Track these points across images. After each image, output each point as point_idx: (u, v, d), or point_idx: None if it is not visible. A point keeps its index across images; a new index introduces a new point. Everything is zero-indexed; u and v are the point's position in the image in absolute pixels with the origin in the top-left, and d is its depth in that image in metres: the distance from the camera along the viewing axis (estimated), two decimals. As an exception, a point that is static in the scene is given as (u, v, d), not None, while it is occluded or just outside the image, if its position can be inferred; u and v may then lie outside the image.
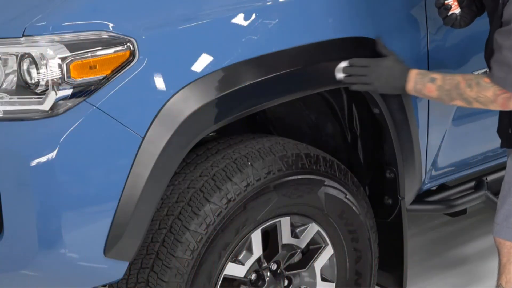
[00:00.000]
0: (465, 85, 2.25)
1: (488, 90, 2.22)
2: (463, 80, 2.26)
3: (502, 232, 2.40)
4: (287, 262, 2.54)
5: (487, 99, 2.23)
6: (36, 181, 1.94)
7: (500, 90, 2.20)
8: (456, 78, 2.28)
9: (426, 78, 2.31)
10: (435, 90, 2.30)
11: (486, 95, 2.22)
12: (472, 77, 2.27)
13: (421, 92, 2.33)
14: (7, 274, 2.06)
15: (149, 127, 2.03)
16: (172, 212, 2.26)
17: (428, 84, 2.30)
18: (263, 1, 2.24)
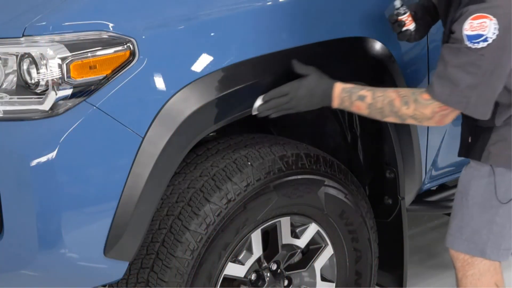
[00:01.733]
0: (400, 102, 2.17)
1: (426, 108, 2.14)
2: (398, 97, 2.18)
3: (455, 243, 2.35)
4: (287, 262, 2.54)
5: (424, 116, 2.16)
6: (36, 181, 1.94)
7: (440, 107, 2.13)
8: (389, 95, 2.19)
9: (354, 96, 2.21)
10: (365, 108, 2.22)
11: (424, 112, 2.15)
12: (408, 93, 2.18)
13: (348, 109, 2.26)
14: (7, 274, 2.06)
15: (149, 127, 2.03)
16: (172, 212, 2.26)
17: (356, 102, 2.21)
18: (263, 1, 2.24)
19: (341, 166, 2.53)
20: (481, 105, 2.11)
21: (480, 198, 2.29)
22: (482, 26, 2.02)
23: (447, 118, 2.17)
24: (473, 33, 2.02)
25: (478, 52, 2.03)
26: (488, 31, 2.01)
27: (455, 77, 2.07)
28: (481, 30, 2.02)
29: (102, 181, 2.02)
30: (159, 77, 2.05)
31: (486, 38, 2.01)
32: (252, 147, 2.38)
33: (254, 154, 2.35)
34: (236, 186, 2.27)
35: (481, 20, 2.02)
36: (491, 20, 2.01)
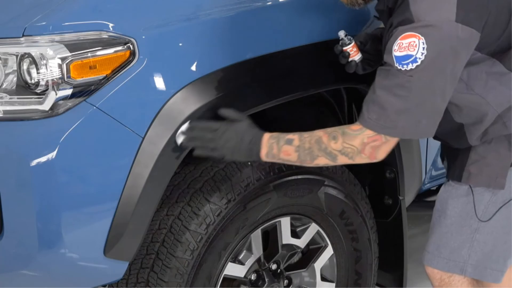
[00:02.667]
0: (328, 138, 2.02)
1: (355, 139, 2.00)
2: (325, 134, 2.04)
3: (434, 261, 2.29)
4: (287, 262, 2.54)
5: (354, 150, 2.01)
6: (36, 181, 1.94)
7: (369, 137, 1.99)
8: (316, 134, 2.05)
9: (282, 141, 2.07)
10: (293, 151, 2.06)
11: (353, 145, 2.00)
12: (336, 128, 2.05)
13: (277, 157, 2.08)
14: (7, 274, 2.06)
15: (149, 127, 2.03)
16: (172, 212, 2.26)
17: (284, 146, 2.06)
18: (263, 1, 2.24)
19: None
20: (411, 128, 1.99)
21: (458, 217, 2.23)
22: (410, 46, 1.90)
23: (379, 151, 2.02)
24: (402, 54, 1.91)
25: (407, 74, 1.91)
26: (417, 51, 1.89)
27: (382, 100, 1.95)
28: (409, 50, 1.90)
29: (102, 181, 2.02)
30: (159, 77, 2.04)
31: (415, 59, 1.90)
32: (252, 147, 2.38)
33: (254, 154, 2.35)
34: (236, 186, 2.27)
35: (409, 39, 1.91)
36: (420, 39, 1.90)
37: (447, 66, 1.94)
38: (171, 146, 2.06)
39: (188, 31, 2.09)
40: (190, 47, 2.10)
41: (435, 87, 1.95)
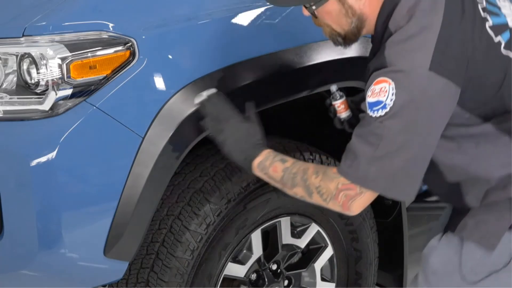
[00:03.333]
0: (313, 171, 1.98)
1: (331, 182, 1.94)
2: (313, 167, 1.99)
3: None
4: (287, 262, 2.54)
5: (329, 192, 1.94)
6: (36, 181, 1.94)
7: (344, 184, 1.92)
8: (307, 164, 2.02)
9: (277, 158, 2.03)
10: (281, 170, 2.01)
11: (329, 187, 1.94)
12: (323, 166, 2.04)
13: (266, 170, 2.03)
14: (7, 274, 2.06)
15: (149, 127, 2.03)
16: (172, 212, 2.26)
17: (276, 163, 2.02)
18: (263, 1, 2.23)
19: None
20: (383, 181, 1.89)
21: (441, 267, 2.10)
22: (381, 92, 1.84)
23: (354, 203, 1.94)
24: (373, 100, 1.85)
25: (377, 120, 1.84)
26: (387, 97, 1.83)
27: (355, 147, 1.89)
28: (380, 96, 1.84)
29: (102, 181, 2.02)
30: (159, 77, 2.04)
31: (384, 105, 1.83)
32: (252, 147, 2.38)
33: (254, 154, 2.35)
34: (236, 186, 2.27)
35: (381, 85, 1.85)
36: (390, 85, 1.83)
37: (420, 117, 1.86)
38: (171, 146, 2.06)
39: (188, 31, 2.10)
40: (190, 47, 2.10)
41: (408, 138, 1.86)
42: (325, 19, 2.00)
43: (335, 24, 2.00)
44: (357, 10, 1.97)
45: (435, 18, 1.89)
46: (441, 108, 1.88)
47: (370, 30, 2.03)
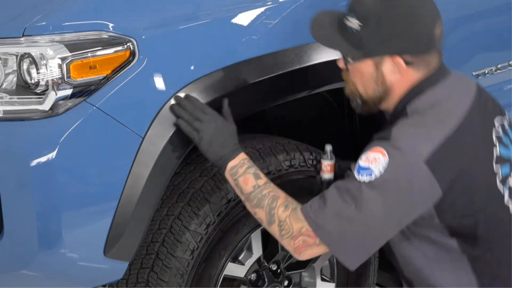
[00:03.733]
0: (283, 203, 2.00)
1: (298, 222, 1.97)
2: (284, 198, 2.01)
3: None
4: (287, 262, 2.54)
5: (290, 231, 1.98)
6: (36, 181, 1.94)
7: (307, 230, 1.95)
8: (278, 192, 2.03)
9: (251, 170, 2.05)
10: (251, 185, 2.03)
11: (292, 226, 1.97)
12: (293, 201, 2.02)
13: (235, 177, 2.05)
14: (7, 274, 2.06)
15: (149, 127, 2.03)
16: (172, 212, 2.26)
17: (249, 175, 2.04)
18: (263, 1, 2.24)
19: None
20: (336, 239, 1.94)
21: None
22: (374, 160, 1.90)
23: (307, 251, 1.99)
24: (364, 165, 1.91)
25: (359, 183, 1.90)
26: (376, 167, 1.89)
27: (329, 196, 1.94)
28: (371, 164, 1.90)
29: (102, 181, 2.02)
30: (159, 77, 2.05)
31: (371, 173, 1.89)
32: (252, 147, 2.38)
33: (254, 154, 2.35)
34: (236, 186, 2.27)
35: (377, 154, 1.91)
36: (384, 158, 1.89)
37: (396, 200, 1.90)
38: (171, 146, 2.06)
39: (188, 31, 2.09)
40: (190, 47, 2.10)
41: (376, 212, 1.90)
42: (355, 77, 2.06)
43: (361, 85, 2.06)
44: (388, 81, 2.02)
45: (453, 120, 1.95)
46: (417, 201, 1.93)
47: (389, 107, 2.08)
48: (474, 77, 2.72)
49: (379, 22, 1.96)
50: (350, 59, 2.04)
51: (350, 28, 2.00)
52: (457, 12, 2.62)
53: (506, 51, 2.81)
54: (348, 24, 2.01)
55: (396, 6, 1.97)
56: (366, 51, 2.00)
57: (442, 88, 2.02)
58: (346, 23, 2.02)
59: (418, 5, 1.99)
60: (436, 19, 2.01)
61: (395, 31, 1.96)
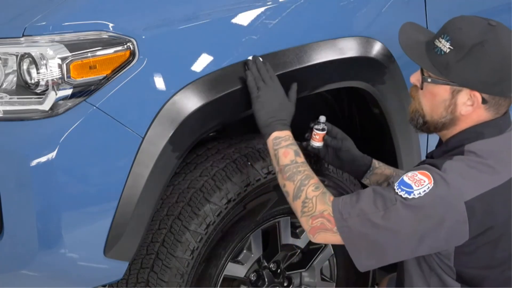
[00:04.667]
0: (314, 183, 2.04)
1: (323, 204, 2.00)
2: (317, 180, 2.06)
3: None
4: (287, 262, 2.54)
5: (312, 210, 2.00)
6: (36, 181, 1.94)
7: (329, 214, 1.98)
8: (312, 173, 2.07)
9: (294, 146, 2.10)
10: (289, 160, 2.07)
11: (316, 207, 2.00)
12: (324, 187, 2.06)
13: (277, 147, 2.09)
14: (7, 274, 2.06)
15: (149, 127, 2.03)
16: (172, 212, 2.26)
17: (290, 150, 2.08)
18: (263, 1, 2.24)
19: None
20: (353, 236, 1.96)
21: None
22: (418, 182, 1.93)
23: (321, 234, 2.01)
24: (408, 182, 1.93)
25: (396, 196, 1.92)
26: (418, 189, 1.91)
27: (364, 197, 1.97)
28: (415, 184, 1.92)
29: (102, 181, 2.02)
30: (159, 77, 2.05)
31: (411, 192, 1.92)
32: (252, 147, 2.38)
33: (254, 154, 2.35)
34: (236, 186, 2.27)
35: (424, 177, 1.93)
36: (430, 183, 1.91)
37: (424, 227, 1.92)
38: (171, 146, 2.06)
39: (188, 31, 2.09)
40: (190, 47, 2.10)
41: (402, 230, 1.92)
42: (425, 97, 2.06)
43: (429, 107, 2.06)
44: (458, 111, 2.03)
45: (505, 174, 1.97)
46: (443, 237, 1.94)
47: (447, 135, 2.08)
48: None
49: (471, 53, 1.97)
50: (429, 79, 2.03)
51: (439, 49, 2.00)
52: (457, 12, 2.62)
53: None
54: (437, 44, 2.02)
55: (492, 42, 1.97)
56: (450, 77, 2.00)
57: (505, 139, 2.03)
58: (435, 43, 2.02)
59: (511, 51, 1.99)
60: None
61: (484, 66, 1.97)
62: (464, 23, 2.02)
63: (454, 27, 2.02)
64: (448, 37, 2.00)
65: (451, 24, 2.04)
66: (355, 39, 2.39)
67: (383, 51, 2.43)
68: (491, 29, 1.99)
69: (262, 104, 2.12)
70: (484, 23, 2.00)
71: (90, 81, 1.97)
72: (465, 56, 1.97)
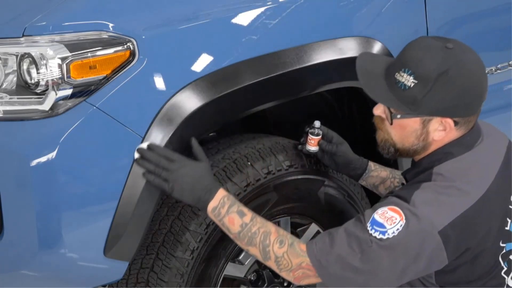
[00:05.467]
0: (276, 239, 1.99)
1: (297, 258, 1.98)
2: (276, 233, 2.01)
3: None
4: (287, 262, 2.53)
5: (288, 265, 1.99)
6: (36, 181, 1.94)
7: (307, 265, 1.96)
8: (268, 226, 2.02)
9: (234, 207, 2.03)
10: (238, 225, 2.02)
11: (291, 261, 1.98)
12: (287, 235, 2.02)
13: (220, 218, 2.03)
14: (7, 274, 2.06)
15: (149, 127, 2.03)
16: (172, 212, 2.26)
17: (233, 214, 2.02)
18: (263, 1, 2.23)
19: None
20: (336, 282, 1.95)
21: None
22: (390, 220, 1.91)
23: (306, 280, 2.01)
24: (380, 220, 1.91)
25: (370, 238, 1.91)
26: (391, 228, 1.90)
27: (336, 239, 1.96)
28: (387, 222, 1.91)
29: (102, 181, 2.02)
30: (159, 77, 2.05)
31: (385, 232, 1.90)
32: (252, 147, 2.38)
33: (254, 154, 2.35)
34: (236, 186, 2.27)
35: (395, 214, 1.91)
36: (401, 220, 1.90)
37: (403, 262, 1.92)
38: (171, 146, 2.06)
39: (188, 31, 2.09)
40: (190, 47, 2.10)
41: (381, 270, 1.92)
42: (394, 129, 2.04)
43: (399, 137, 2.05)
44: (430, 139, 2.02)
45: (475, 194, 1.96)
46: (422, 267, 1.94)
47: (419, 157, 2.07)
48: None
49: (437, 83, 1.93)
50: (398, 115, 2.01)
51: (402, 84, 1.97)
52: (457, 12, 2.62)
53: (506, 51, 2.81)
54: (399, 79, 1.98)
55: (455, 67, 1.94)
56: (419, 111, 1.97)
57: (473, 155, 2.02)
58: (396, 77, 1.99)
59: (475, 70, 1.97)
60: (486, 85, 2.01)
61: (452, 93, 1.94)
62: (422, 53, 1.96)
63: (414, 59, 1.97)
64: (410, 71, 1.95)
65: (408, 56, 1.99)
66: (355, 39, 2.39)
67: (383, 51, 2.43)
68: (450, 53, 1.95)
69: (180, 191, 2.02)
70: (442, 48, 1.96)
71: (90, 81, 1.97)
72: (432, 88, 1.93)
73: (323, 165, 2.46)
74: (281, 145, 2.42)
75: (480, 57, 2.03)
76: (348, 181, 2.54)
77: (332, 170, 2.49)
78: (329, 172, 2.48)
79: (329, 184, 2.47)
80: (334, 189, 2.49)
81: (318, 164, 2.45)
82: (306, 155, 2.42)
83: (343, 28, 2.37)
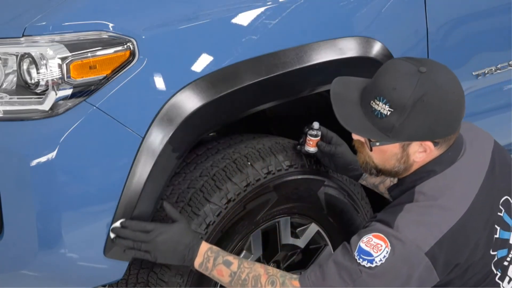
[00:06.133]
0: (266, 280, 2.03)
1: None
2: (266, 274, 2.04)
3: None
4: (287, 262, 2.54)
5: None
6: (36, 181, 1.94)
7: None
8: (256, 269, 2.06)
9: (219, 259, 2.08)
10: (227, 275, 2.06)
11: None
12: (277, 273, 2.05)
13: (209, 272, 2.09)
14: (7, 274, 2.06)
15: (149, 127, 2.03)
16: (172, 212, 2.25)
17: (220, 266, 2.07)
18: (263, 1, 2.24)
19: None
20: None
21: None
22: (376, 247, 1.92)
23: None
24: (366, 248, 1.93)
25: (359, 267, 1.93)
26: (378, 255, 1.91)
27: (327, 271, 1.97)
28: (373, 250, 1.92)
29: (102, 181, 2.02)
30: (159, 77, 2.05)
31: (372, 260, 1.92)
32: (252, 147, 2.38)
33: (254, 154, 2.35)
34: (236, 186, 2.27)
35: (380, 241, 1.93)
36: (386, 247, 1.91)
37: (393, 286, 1.93)
38: (171, 146, 2.06)
39: (188, 31, 2.09)
40: (190, 47, 2.10)
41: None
42: (375, 153, 2.05)
43: (380, 161, 2.06)
44: (411, 160, 2.02)
45: (459, 210, 1.96)
46: (415, 286, 1.95)
47: (402, 176, 2.07)
48: (474, 77, 2.73)
49: (414, 110, 1.92)
50: (377, 143, 2.01)
51: (379, 112, 1.96)
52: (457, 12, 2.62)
53: (506, 51, 2.82)
54: (375, 107, 1.96)
55: (430, 92, 1.92)
56: (397, 137, 1.97)
57: (455, 169, 2.02)
58: (372, 105, 1.97)
59: (451, 90, 1.96)
60: (464, 102, 2.00)
61: (430, 117, 1.94)
62: (395, 81, 1.94)
63: (388, 87, 1.95)
64: (385, 100, 1.94)
65: (382, 83, 1.97)
66: (355, 39, 2.39)
67: (383, 51, 2.43)
68: (424, 77, 1.93)
69: (164, 257, 2.08)
70: (415, 72, 1.93)
71: (90, 81, 1.97)
72: (408, 115, 1.92)
73: (323, 165, 2.46)
74: (281, 145, 2.42)
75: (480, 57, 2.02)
76: (348, 181, 2.54)
77: (332, 171, 2.49)
78: (329, 172, 2.49)
79: (329, 184, 2.47)
80: (334, 189, 2.49)
81: (318, 164, 2.45)
82: (306, 155, 2.42)
83: (343, 28, 2.37)
